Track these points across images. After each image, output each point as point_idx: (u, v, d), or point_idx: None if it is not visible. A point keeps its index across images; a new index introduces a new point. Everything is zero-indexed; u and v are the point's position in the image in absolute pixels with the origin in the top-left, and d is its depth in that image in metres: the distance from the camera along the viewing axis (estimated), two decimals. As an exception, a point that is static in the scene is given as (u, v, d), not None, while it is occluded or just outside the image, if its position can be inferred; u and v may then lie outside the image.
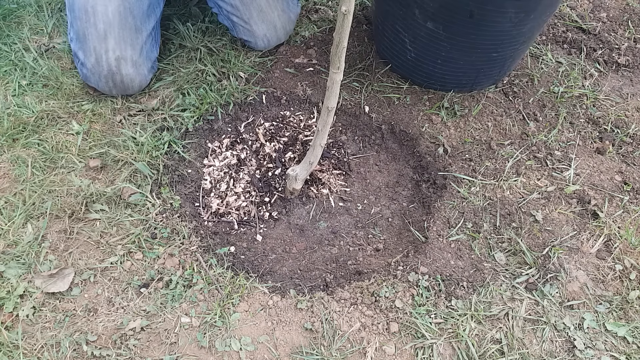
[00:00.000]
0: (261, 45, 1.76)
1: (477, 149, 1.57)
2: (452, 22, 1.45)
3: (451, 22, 1.46)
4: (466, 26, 1.45)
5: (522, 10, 1.39)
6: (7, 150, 1.49)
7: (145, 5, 1.57)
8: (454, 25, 1.46)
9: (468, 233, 1.39)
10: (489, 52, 1.53)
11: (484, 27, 1.44)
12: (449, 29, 1.47)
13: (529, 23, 1.45)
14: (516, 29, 1.45)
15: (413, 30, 1.55)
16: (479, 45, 1.51)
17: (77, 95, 1.64)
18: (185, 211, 1.42)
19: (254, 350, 1.17)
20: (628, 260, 1.34)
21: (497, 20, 1.42)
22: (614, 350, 1.20)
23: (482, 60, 1.56)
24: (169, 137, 1.54)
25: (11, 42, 1.78)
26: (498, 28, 1.44)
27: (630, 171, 1.54)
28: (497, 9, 1.38)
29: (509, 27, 1.44)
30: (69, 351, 1.15)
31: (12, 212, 1.36)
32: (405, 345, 1.20)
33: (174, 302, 1.23)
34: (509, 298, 1.28)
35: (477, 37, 1.48)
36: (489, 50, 1.53)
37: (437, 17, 1.46)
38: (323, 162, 1.60)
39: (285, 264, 1.39)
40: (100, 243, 1.33)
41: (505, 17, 1.40)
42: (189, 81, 1.69)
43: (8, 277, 1.25)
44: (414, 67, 1.66)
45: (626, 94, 1.76)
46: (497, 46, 1.51)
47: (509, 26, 1.44)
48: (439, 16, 1.46)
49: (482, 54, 1.54)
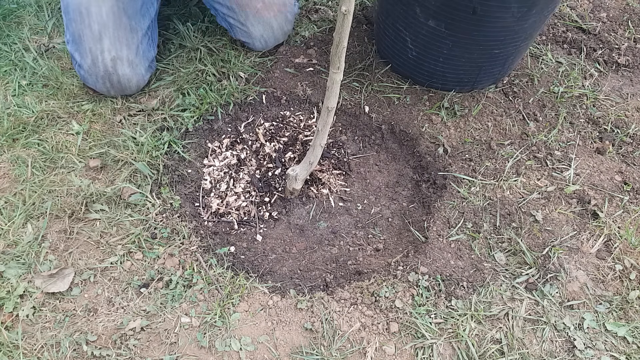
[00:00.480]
0: (259, 46, 1.76)
1: (477, 149, 1.57)
2: (455, 19, 1.45)
3: (453, 20, 1.45)
4: (469, 23, 1.45)
5: (524, 4, 1.39)
6: (7, 150, 1.49)
7: (138, 5, 1.57)
8: (456, 22, 1.46)
9: (468, 233, 1.39)
10: (491, 48, 1.53)
11: (487, 23, 1.44)
12: (451, 26, 1.47)
13: (531, 18, 1.44)
14: (518, 24, 1.45)
15: (414, 28, 1.55)
16: (481, 42, 1.51)
17: (77, 95, 1.64)
18: (185, 211, 1.42)
19: (254, 350, 1.17)
20: (628, 260, 1.34)
21: (500, 16, 1.42)
22: (614, 350, 1.20)
23: (483, 58, 1.56)
24: (169, 137, 1.54)
25: (11, 42, 1.78)
26: (500, 24, 1.44)
27: (630, 171, 1.54)
28: (500, 4, 1.38)
29: (512, 23, 1.44)
30: (69, 351, 1.15)
31: (12, 212, 1.36)
32: (405, 345, 1.20)
33: (174, 302, 1.23)
34: (509, 298, 1.28)
35: (480, 34, 1.48)
36: (491, 47, 1.52)
37: (438, 14, 1.46)
38: (323, 162, 1.60)
39: (285, 264, 1.39)
40: (100, 243, 1.33)
41: (508, 12, 1.40)
42: (189, 81, 1.69)
43: (8, 277, 1.25)
44: (415, 66, 1.66)
45: (626, 94, 1.76)
46: (499, 43, 1.51)
47: (511, 22, 1.43)
48: (441, 14, 1.45)
49: (484, 51, 1.54)
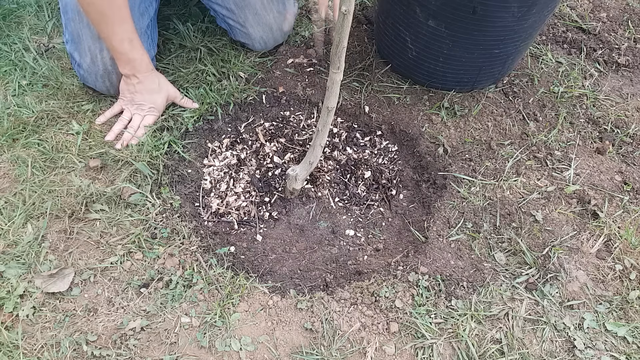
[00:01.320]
0: (258, 47, 1.76)
1: (477, 149, 1.57)
2: (455, 19, 1.45)
3: (453, 20, 1.45)
4: (469, 23, 1.45)
5: (524, 4, 1.39)
6: (7, 150, 1.49)
7: (136, 4, 1.56)
8: (456, 22, 1.46)
9: (468, 233, 1.39)
10: (491, 48, 1.53)
11: (487, 23, 1.44)
12: (451, 26, 1.47)
13: (531, 17, 1.44)
14: (518, 24, 1.45)
15: (414, 28, 1.55)
16: (481, 42, 1.51)
17: (77, 95, 1.64)
18: (185, 211, 1.42)
19: (254, 350, 1.17)
20: (628, 260, 1.34)
21: (500, 16, 1.42)
22: (614, 350, 1.20)
23: (483, 58, 1.56)
24: (169, 137, 1.54)
25: (11, 42, 1.78)
26: (500, 23, 1.44)
27: (630, 171, 1.54)
28: (500, 4, 1.38)
29: (512, 22, 1.44)
30: (69, 351, 1.15)
31: (12, 212, 1.36)
32: (405, 345, 1.20)
33: (174, 302, 1.23)
34: (509, 298, 1.28)
35: (480, 33, 1.48)
36: (491, 47, 1.53)
37: (438, 14, 1.46)
38: (323, 162, 1.60)
39: (285, 264, 1.39)
40: (100, 243, 1.33)
41: (509, 12, 1.40)
42: (189, 81, 1.69)
43: (8, 277, 1.25)
44: (415, 66, 1.66)
45: (626, 94, 1.76)
46: (499, 43, 1.51)
47: (511, 21, 1.43)
48: (441, 14, 1.45)
49: (484, 51, 1.54)
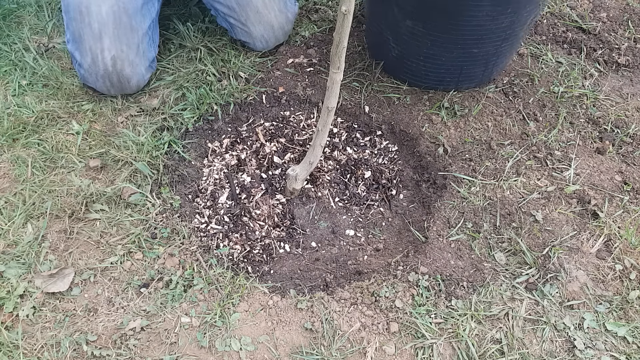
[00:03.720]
0: (259, 46, 1.76)
1: (477, 149, 1.57)
2: (430, 18, 1.47)
3: (429, 19, 1.47)
4: (444, 22, 1.46)
5: (498, 4, 1.40)
6: (7, 150, 1.49)
7: (139, 4, 1.57)
8: (432, 21, 1.47)
9: (468, 233, 1.39)
10: (470, 47, 1.54)
11: (462, 22, 1.45)
12: (428, 25, 1.49)
13: (507, 18, 1.45)
14: (495, 24, 1.46)
15: (394, 28, 1.57)
16: (459, 41, 1.51)
17: (77, 95, 1.64)
18: (185, 211, 1.42)
19: (254, 350, 1.17)
20: (628, 260, 1.34)
21: (474, 15, 1.43)
22: (614, 350, 1.20)
23: (463, 57, 1.57)
24: (169, 137, 1.54)
25: (11, 42, 1.78)
26: (475, 23, 1.45)
27: (630, 171, 1.54)
28: (472, 2, 1.39)
29: (487, 22, 1.45)
30: (69, 351, 1.15)
31: (12, 212, 1.36)
32: (405, 345, 1.20)
33: (174, 302, 1.23)
34: (509, 298, 1.28)
35: (457, 32, 1.49)
36: (469, 46, 1.53)
37: (414, 14, 1.48)
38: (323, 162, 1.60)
39: (285, 264, 1.39)
40: (100, 243, 1.33)
41: (482, 11, 1.41)
42: (189, 81, 1.69)
43: (8, 277, 1.25)
44: (399, 65, 1.67)
45: (626, 94, 1.76)
46: (477, 42, 1.52)
47: (486, 20, 1.44)
48: (417, 13, 1.47)
49: (462, 51, 1.55)
